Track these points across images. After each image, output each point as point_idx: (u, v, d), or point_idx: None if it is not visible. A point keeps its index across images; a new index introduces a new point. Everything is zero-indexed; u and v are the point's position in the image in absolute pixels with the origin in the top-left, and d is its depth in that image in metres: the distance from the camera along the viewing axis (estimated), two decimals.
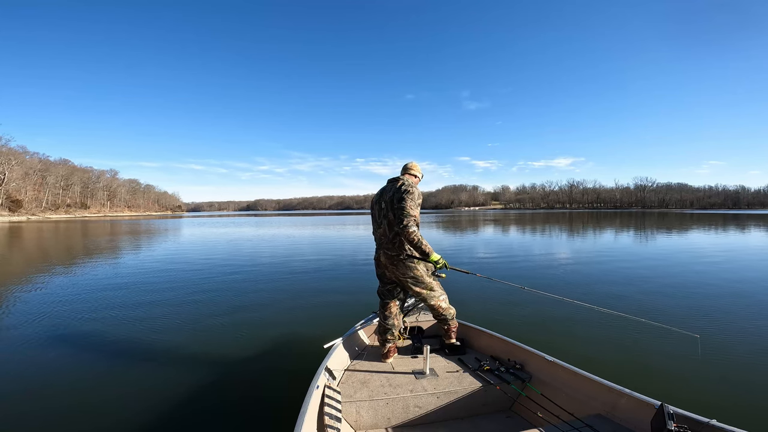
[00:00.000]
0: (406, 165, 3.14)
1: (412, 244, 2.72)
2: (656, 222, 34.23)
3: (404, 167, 3.14)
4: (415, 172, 3.11)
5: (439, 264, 2.77)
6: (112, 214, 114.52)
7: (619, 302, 5.95)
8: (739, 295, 6.29)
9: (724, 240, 16.23)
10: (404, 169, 3.13)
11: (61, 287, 7.52)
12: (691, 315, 5.24)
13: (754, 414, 2.85)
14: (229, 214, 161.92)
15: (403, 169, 3.13)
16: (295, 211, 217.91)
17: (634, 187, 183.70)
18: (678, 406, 1.83)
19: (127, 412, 2.94)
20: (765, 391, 3.15)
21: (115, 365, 3.81)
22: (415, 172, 3.11)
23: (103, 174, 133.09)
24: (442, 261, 2.78)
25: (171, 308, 5.88)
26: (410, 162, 3.15)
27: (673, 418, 1.72)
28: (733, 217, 48.77)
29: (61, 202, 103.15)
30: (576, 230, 23.67)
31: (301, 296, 6.65)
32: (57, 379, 3.50)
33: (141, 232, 26.80)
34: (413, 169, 3.11)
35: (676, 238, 17.45)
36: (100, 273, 9.31)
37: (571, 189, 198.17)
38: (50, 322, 5.21)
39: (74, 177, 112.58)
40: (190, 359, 3.93)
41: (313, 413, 2.02)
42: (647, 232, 21.58)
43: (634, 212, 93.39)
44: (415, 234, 2.70)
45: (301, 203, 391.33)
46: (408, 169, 3.11)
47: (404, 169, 3.13)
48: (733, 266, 9.24)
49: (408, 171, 3.10)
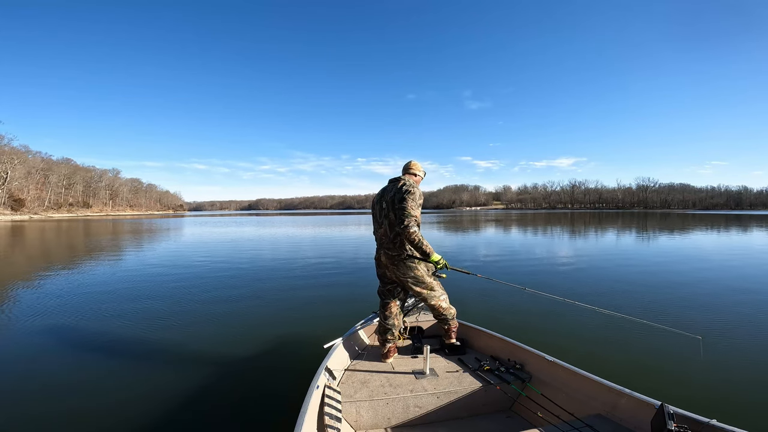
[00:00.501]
0: (407, 164, 3.12)
1: (413, 244, 2.72)
2: (658, 223, 34.16)
3: (405, 166, 3.12)
4: (416, 171, 3.09)
5: (440, 264, 2.77)
6: (114, 214, 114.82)
7: (619, 303, 5.94)
8: (741, 296, 6.27)
9: (726, 241, 16.21)
10: (405, 168, 3.11)
11: (63, 287, 7.53)
12: (693, 316, 5.23)
13: (754, 414, 2.84)
14: (230, 213, 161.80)
15: (404, 169, 3.11)
16: (296, 211, 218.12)
17: (637, 187, 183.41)
18: (678, 406, 1.82)
19: (128, 412, 2.94)
20: (765, 391, 3.15)
21: (115, 365, 3.81)
22: (416, 170, 3.09)
23: (105, 173, 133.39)
24: (442, 261, 2.78)
25: (171, 308, 5.88)
26: (411, 161, 3.13)
27: (673, 418, 1.72)
28: (735, 217, 48.67)
29: (63, 201, 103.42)
30: (578, 231, 23.64)
31: (301, 296, 6.64)
32: (57, 379, 3.50)
33: (143, 231, 26.86)
34: (414, 168, 3.09)
35: (679, 239, 17.40)
36: (101, 273, 9.31)
37: (572, 189, 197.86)
38: (51, 322, 5.23)
39: (76, 176, 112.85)
40: (191, 359, 3.93)
41: (313, 413, 2.02)
42: (649, 232, 21.53)
43: (636, 213, 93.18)
44: (416, 234, 2.69)
45: (303, 203, 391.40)
46: (409, 168, 3.10)
47: (405, 168, 3.11)
48: (737, 267, 9.21)
49: (409, 170, 3.09)
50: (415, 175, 3.09)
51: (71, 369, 3.73)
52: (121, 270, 9.69)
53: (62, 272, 9.26)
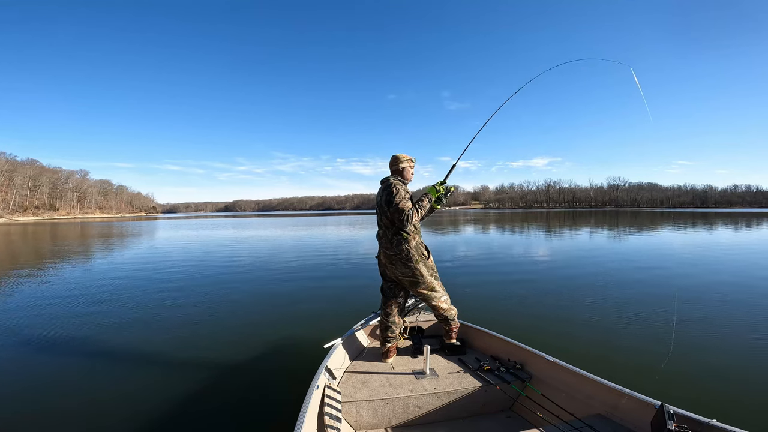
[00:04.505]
0: (390, 161, 3.13)
1: (413, 219, 2.78)
2: (633, 221, 35.07)
3: (389, 164, 3.13)
4: (399, 165, 3.08)
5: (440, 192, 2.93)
6: (83, 216, 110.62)
7: (620, 302, 5.90)
8: (741, 296, 6.22)
9: (707, 239, 16.58)
10: (389, 165, 3.13)
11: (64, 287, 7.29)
12: (693, 316, 5.17)
13: (754, 414, 2.85)
14: (206, 215, 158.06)
15: (389, 167, 3.13)
16: (275, 212, 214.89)
17: (608, 186, 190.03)
18: (678, 406, 1.83)
19: (128, 413, 2.93)
20: (765, 391, 3.16)
21: (115, 367, 3.79)
22: (400, 164, 3.08)
23: (72, 174, 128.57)
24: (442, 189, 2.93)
25: (170, 310, 5.85)
26: (393, 156, 3.12)
27: (674, 418, 1.72)
28: (702, 215, 50.47)
29: (29, 203, 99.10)
30: (554, 230, 24.24)
31: (300, 297, 6.64)
32: (57, 382, 3.48)
33: (118, 235, 25.95)
34: (397, 162, 3.08)
35: (661, 237, 18.03)
36: (102, 272, 9.23)
37: (548, 188, 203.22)
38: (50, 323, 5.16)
39: (42, 178, 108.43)
40: (190, 360, 3.92)
41: (313, 413, 2.01)
42: (629, 231, 22.23)
43: (608, 211, 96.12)
44: (410, 210, 2.77)
45: (282, 204, 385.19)
46: (392, 165, 3.11)
47: (389, 165, 3.13)
48: (731, 266, 9.19)
49: (393, 167, 3.10)
50: (401, 170, 3.08)
51: (72, 371, 3.71)
52: (121, 271, 9.59)
53: (59, 272, 8.86)
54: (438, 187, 2.96)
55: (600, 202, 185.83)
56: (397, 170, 3.08)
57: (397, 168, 3.08)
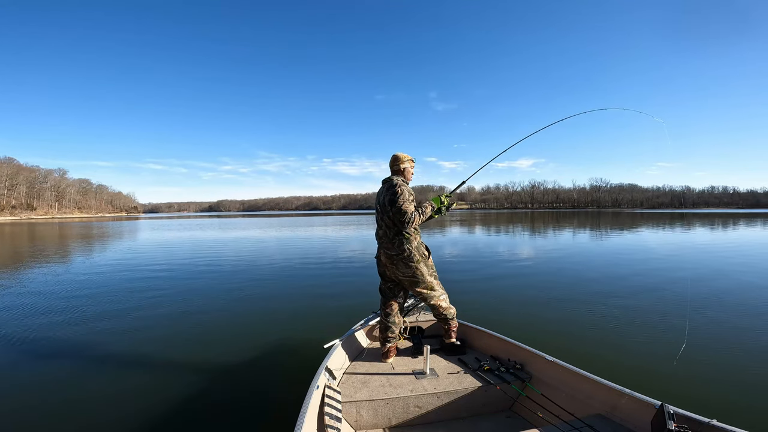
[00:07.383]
0: (390, 161, 3.13)
1: (414, 222, 2.81)
2: (617, 221, 35.79)
3: (390, 164, 3.13)
4: (400, 165, 3.08)
5: (445, 203, 2.99)
6: (61, 216, 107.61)
7: (619, 303, 5.91)
8: (741, 295, 6.27)
9: (701, 238, 16.98)
10: (390, 165, 3.13)
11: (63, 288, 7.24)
12: (693, 316, 5.17)
13: (754, 414, 2.85)
14: (189, 215, 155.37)
15: (390, 166, 3.14)
16: (260, 212, 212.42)
17: (590, 187, 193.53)
18: (678, 406, 1.83)
19: (128, 413, 2.93)
20: (765, 391, 3.17)
21: (115, 368, 3.78)
22: (401, 164, 3.08)
23: (50, 173, 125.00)
24: (446, 201, 2.98)
25: (170, 310, 5.83)
26: (393, 155, 3.12)
27: (674, 418, 1.73)
28: (680, 216, 51.81)
29: (6, 203, 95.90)
30: (539, 229, 24.59)
31: (300, 297, 6.63)
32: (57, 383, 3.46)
33: (108, 235, 25.28)
34: (398, 162, 3.09)
35: (656, 236, 18.45)
36: (101, 273, 9.17)
37: (532, 189, 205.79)
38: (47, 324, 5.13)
39: (19, 177, 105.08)
40: (191, 360, 3.92)
41: (313, 413, 2.01)
42: (612, 231, 22.73)
43: (590, 212, 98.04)
44: (413, 213, 2.79)
45: (267, 204, 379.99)
46: (393, 165, 3.11)
47: (390, 165, 3.13)
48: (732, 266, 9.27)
49: (393, 167, 3.11)
50: (402, 170, 3.09)
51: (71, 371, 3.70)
52: (121, 272, 9.51)
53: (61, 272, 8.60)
54: (443, 198, 3.01)
55: (582, 203, 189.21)
56: (399, 170, 3.09)
57: (399, 168, 3.08)
